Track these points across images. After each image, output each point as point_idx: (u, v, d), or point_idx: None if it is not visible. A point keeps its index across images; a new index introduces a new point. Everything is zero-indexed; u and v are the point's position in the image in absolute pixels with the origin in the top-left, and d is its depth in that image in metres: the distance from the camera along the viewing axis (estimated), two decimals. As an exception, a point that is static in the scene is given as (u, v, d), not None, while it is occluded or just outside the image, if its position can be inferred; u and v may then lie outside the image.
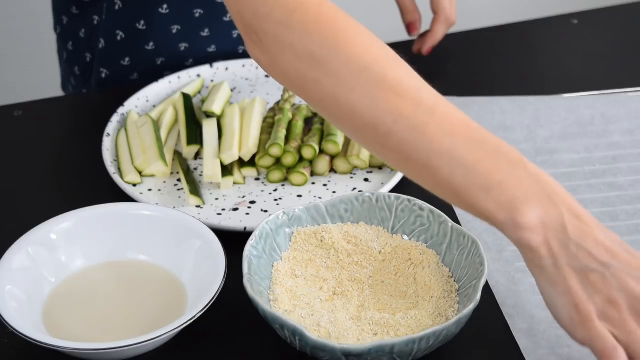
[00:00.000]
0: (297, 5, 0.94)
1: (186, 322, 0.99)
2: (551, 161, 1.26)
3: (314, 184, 1.23)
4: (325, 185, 1.23)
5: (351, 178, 1.24)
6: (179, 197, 1.20)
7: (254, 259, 1.05)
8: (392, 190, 1.20)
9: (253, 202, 1.20)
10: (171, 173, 1.24)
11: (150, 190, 1.21)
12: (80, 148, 1.29)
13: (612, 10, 1.56)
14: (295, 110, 1.30)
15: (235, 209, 1.19)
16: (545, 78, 1.42)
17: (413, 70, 0.96)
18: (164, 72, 1.45)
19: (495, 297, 1.08)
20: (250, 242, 1.05)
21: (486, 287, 1.09)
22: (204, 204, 1.19)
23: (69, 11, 1.47)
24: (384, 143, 0.94)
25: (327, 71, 0.93)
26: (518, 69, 1.44)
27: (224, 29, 1.46)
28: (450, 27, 1.44)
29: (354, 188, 1.22)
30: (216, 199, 1.20)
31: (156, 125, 1.26)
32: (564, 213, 0.88)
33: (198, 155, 1.27)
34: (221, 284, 1.02)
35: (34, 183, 1.24)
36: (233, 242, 1.09)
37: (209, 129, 1.26)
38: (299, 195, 1.21)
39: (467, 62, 1.45)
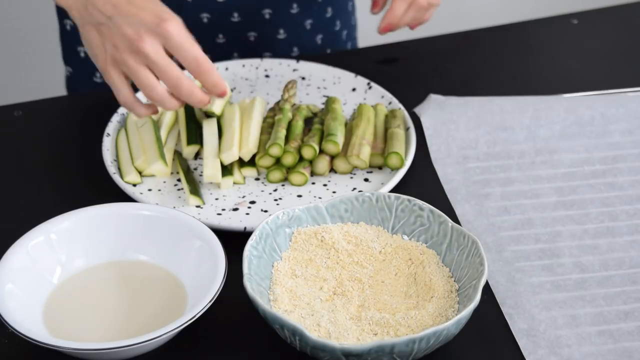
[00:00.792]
0: None
1: (186, 322, 0.99)
2: (551, 161, 1.26)
3: (314, 184, 1.23)
4: (325, 185, 1.23)
5: (351, 178, 1.24)
6: (179, 197, 1.20)
7: (254, 259, 1.05)
8: (392, 190, 1.20)
9: (253, 202, 1.20)
10: (171, 173, 1.24)
11: (150, 190, 1.21)
12: (80, 148, 1.29)
13: (612, 10, 1.56)
14: (295, 110, 1.30)
15: (235, 209, 1.19)
16: (545, 78, 1.42)
17: None
18: None
19: (495, 297, 1.08)
20: (250, 242, 1.05)
21: (486, 287, 1.09)
22: (204, 204, 1.19)
23: None
24: None
25: None
26: (518, 69, 1.44)
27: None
28: (419, 9, 1.28)
29: (354, 188, 1.22)
30: (216, 199, 1.20)
31: (156, 125, 1.26)
32: None
33: (198, 155, 1.27)
34: (221, 284, 1.02)
35: (34, 183, 1.24)
36: (233, 242, 1.09)
37: (209, 129, 1.26)
38: (299, 195, 1.21)
39: (467, 62, 1.45)
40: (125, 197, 1.19)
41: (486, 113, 1.32)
